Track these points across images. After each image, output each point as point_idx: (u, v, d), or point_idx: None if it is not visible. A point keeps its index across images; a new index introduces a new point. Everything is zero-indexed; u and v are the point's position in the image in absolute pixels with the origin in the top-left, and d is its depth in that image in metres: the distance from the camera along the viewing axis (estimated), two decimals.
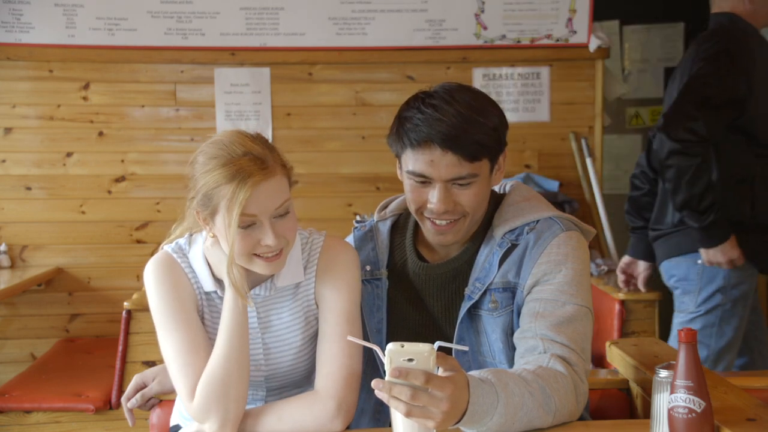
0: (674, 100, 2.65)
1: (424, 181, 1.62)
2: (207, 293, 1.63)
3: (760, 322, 2.90)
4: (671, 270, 2.78)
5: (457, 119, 1.57)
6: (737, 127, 2.62)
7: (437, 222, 1.65)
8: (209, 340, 1.58)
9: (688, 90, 2.60)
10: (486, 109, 1.62)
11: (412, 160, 1.61)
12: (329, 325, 1.60)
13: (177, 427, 1.72)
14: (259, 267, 1.55)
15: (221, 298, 1.61)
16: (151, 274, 1.61)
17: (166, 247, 1.65)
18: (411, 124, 1.60)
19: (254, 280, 1.63)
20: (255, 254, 1.54)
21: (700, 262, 2.68)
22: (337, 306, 1.61)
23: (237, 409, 1.52)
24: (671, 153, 2.56)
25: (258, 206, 1.50)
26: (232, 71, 3.84)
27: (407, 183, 1.66)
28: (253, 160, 1.50)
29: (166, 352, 1.56)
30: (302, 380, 1.70)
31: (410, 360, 1.26)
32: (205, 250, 1.62)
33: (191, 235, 1.67)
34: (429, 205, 1.63)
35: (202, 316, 1.62)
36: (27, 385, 3.09)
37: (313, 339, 1.66)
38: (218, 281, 1.62)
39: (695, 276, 2.70)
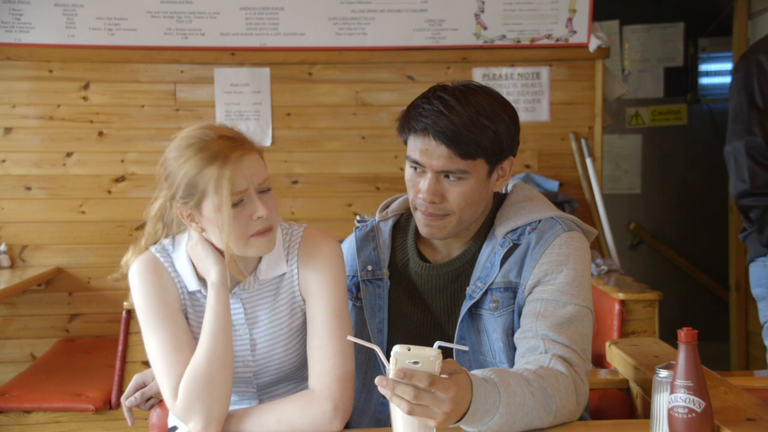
0: None
1: (418, 168, 1.64)
2: (191, 293, 1.63)
3: None
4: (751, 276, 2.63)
5: (461, 118, 1.58)
6: None
7: (425, 213, 1.66)
8: (193, 341, 1.58)
9: None
10: (496, 114, 1.62)
11: (411, 147, 1.64)
12: (319, 323, 1.60)
13: (174, 428, 1.72)
14: (256, 247, 1.56)
15: (206, 297, 1.61)
16: (136, 275, 1.61)
17: (151, 248, 1.65)
18: (416, 112, 1.62)
19: (237, 278, 1.63)
20: (250, 235, 1.54)
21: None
22: (324, 302, 1.61)
23: (221, 407, 1.52)
24: None
25: (245, 180, 1.52)
26: (232, 71, 3.84)
27: (406, 169, 1.68)
28: (229, 140, 1.54)
29: (151, 352, 1.57)
30: (293, 374, 1.70)
31: (415, 363, 1.26)
32: (189, 250, 1.62)
33: (175, 236, 1.67)
34: (419, 195, 1.64)
35: (186, 315, 1.62)
36: (27, 385, 3.09)
37: (300, 331, 1.66)
38: (202, 281, 1.62)
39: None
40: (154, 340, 1.56)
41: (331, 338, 1.58)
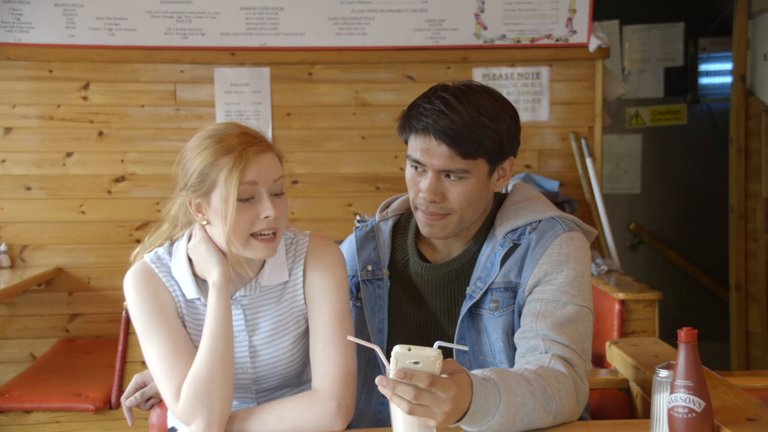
0: None
1: (418, 167, 1.64)
2: (189, 301, 1.62)
3: None
4: None
5: (462, 118, 1.58)
6: None
7: (426, 212, 1.66)
8: (192, 346, 1.58)
9: None
10: (497, 114, 1.62)
11: (412, 146, 1.65)
12: (322, 326, 1.60)
13: (173, 430, 1.72)
14: (255, 250, 1.56)
15: (205, 305, 1.60)
16: (130, 284, 1.60)
17: (145, 257, 1.64)
18: (417, 111, 1.63)
19: (238, 283, 1.63)
20: (251, 235, 1.54)
21: None
22: (329, 306, 1.61)
23: (222, 409, 1.52)
24: None
25: (259, 174, 1.52)
26: (232, 71, 3.84)
27: (407, 169, 1.69)
28: (249, 136, 1.56)
29: (150, 358, 1.56)
30: (293, 380, 1.69)
31: (416, 363, 1.26)
32: (190, 249, 1.61)
33: (172, 243, 1.67)
34: (420, 194, 1.64)
35: (184, 324, 1.61)
36: (27, 385, 3.09)
37: (302, 338, 1.66)
38: (200, 286, 1.61)
39: None
40: (152, 347, 1.56)
41: (334, 340, 1.58)
